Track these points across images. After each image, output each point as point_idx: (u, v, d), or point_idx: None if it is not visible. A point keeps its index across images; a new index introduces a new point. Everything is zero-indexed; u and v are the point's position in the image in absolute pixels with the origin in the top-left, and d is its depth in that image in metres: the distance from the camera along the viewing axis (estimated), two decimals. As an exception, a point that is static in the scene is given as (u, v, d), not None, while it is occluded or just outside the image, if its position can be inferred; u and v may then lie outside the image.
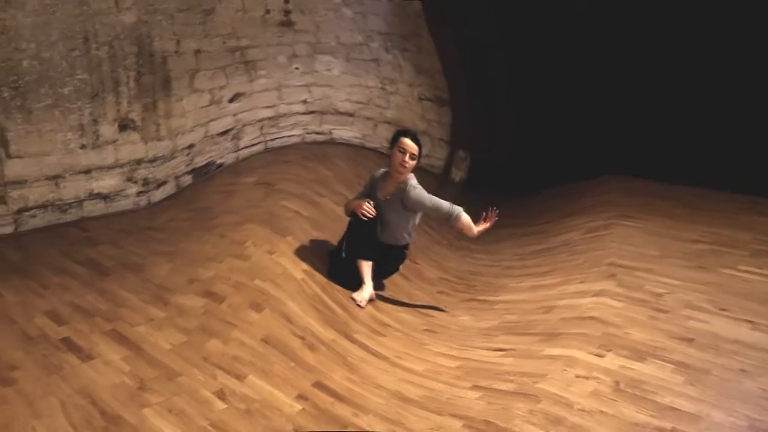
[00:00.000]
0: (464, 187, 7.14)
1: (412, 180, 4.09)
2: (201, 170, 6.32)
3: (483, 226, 4.02)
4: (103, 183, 5.26)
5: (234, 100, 6.65)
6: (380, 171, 4.37)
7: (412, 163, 4.04)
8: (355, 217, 4.10)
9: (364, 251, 4.09)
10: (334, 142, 7.66)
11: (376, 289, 4.20)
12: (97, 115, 5.11)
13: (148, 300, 3.62)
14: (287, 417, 2.67)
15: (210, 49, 6.16)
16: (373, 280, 4.12)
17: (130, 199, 5.45)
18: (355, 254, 4.09)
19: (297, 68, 7.28)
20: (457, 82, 6.91)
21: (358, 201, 4.14)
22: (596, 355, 2.95)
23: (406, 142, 4.01)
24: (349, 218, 4.22)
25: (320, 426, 2.60)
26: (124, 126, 5.33)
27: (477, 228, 4.00)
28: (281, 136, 7.36)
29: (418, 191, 4.03)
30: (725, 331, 3.11)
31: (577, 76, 6.80)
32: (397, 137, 4.09)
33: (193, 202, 5.62)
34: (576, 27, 6.57)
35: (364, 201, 4.09)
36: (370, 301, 4.03)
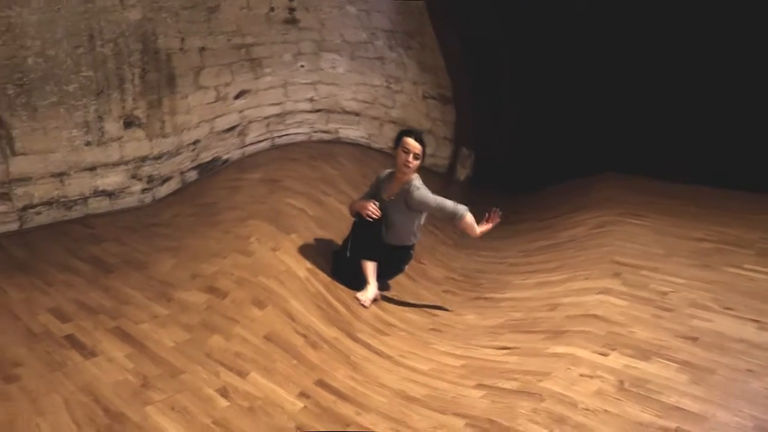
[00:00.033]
0: (469, 185, 7.13)
1: (416, 180, 4.08)
2: (206, 166, 6.33)
3: (486, 226, 4.00)
4: (108, 180, 5.27)
5: (240, 96, 6.66)
6: (385, 172, 4.36)
7: (416, 163, 4.03)
8: (360, 218, 4.10)
9: (369, 252, 4.08)
10: (340, 142, 7.66)
11: (381, 289, 4.19)
12: (102, 112, 5.12)
13: (151, 297, 3.63)
14: (289, 415, 2.66)
15: (214, 47, 6.17)
16: (378, 280, 4.12)
17: (134, 196, 5.46)
18: (359, 254, 4.09)
19: (302, 66, 7.29)
20: (461, 80, 6.89)
21: (363, 202, 4.13)
22: (600, 354, 2.94)
23: (410, 142, 4.00)
24: (354, 218, 4.22)
25: (322, 424, 2.60)
26: (129, 123, 5.34)
27: (480, 228, 3.98)
28: (288, 134, 7.37)
29: (422, 191, 4.02)
30: (731, 330, 3.09)
31: (581, 73, 6.77)
32: (400, 137, 4.08)
33: (198, 197, 5.63)
34: (579, 23, 6.54)
35: (369, 202, 4.08)
36: (375, 301, 4.03)
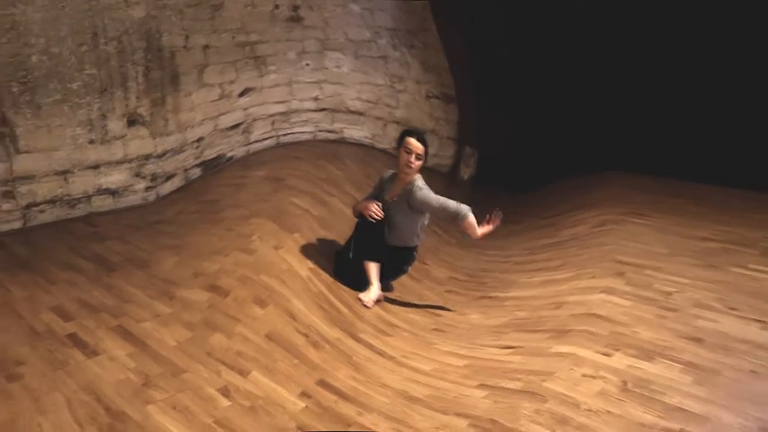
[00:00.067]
0: (473, 185, 7.11)
1: (419, 181, 4.06)
2: (210, 163, 6.34)
3: (486, 228, 3.98)
4: (112, 178, 5.28)
5: (244, 94, 6.66)
6: (389, 172, 4.34)
7: (418, 164, 4.01)
8: (363, 219, 4.08)
9: (372, 252, 4.07)
10: (345, 142, 7.65)
11: (384, 290, 4.18)
12: (105, 110, 5.12)
13: (154, 296, 3.63)
14: (291, 414, 2.66)
15: (218, 45, 6.17)
16: (381, 281, 4.10)
17: (138, 194, 5.46)
18: (362, 255, 4.08)
19: (307, 64, 7.28)
20: (464, 79, 6.87)
21: (366, 202, 4.12)
22: (604, 354, 2.92)
23: (412, 142, 3.98)
24: (356, 219, 4.21)
25: (324, 424, 2.59)
26: (133, 121, 5.34)
27: (481, 230, 3.95)
28: (293, 132, 7.37)
29: (424, 192, 4.00)
30: (735, 330, 3.07)
31: (583, 73, 6.74)
32: (403, 137, 4.06)
33: (202, 194, 5.63)
34: (581, 23, 6.51)
35: (372, 202, 4.07)
36: (377, 301, 4.02)
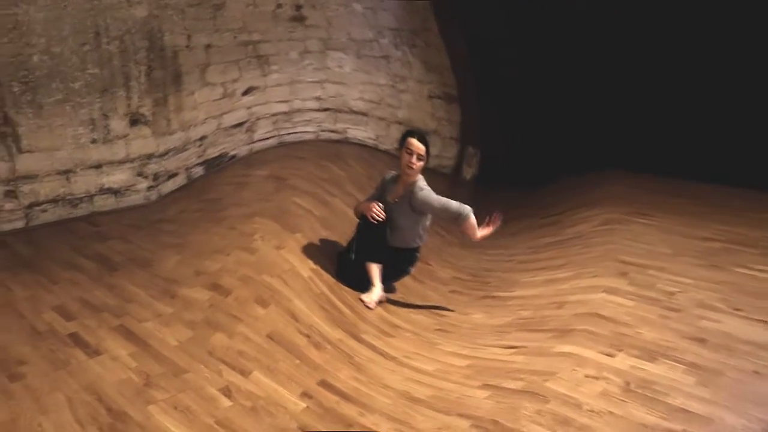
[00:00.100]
0: (476, 185, 7.10)
1: (421, 182, 4.05)
2: (213, 162, 6.34)
3: (486, 230, 3.97)
4: (114, 178, 5.28)
5: (247, 93, 6.66)
6: (391, 173, 4.33)
7: (419, 164, 3.99)
8: (365, 220, 4.07)
9: (374, 254, 4.06)
10: (348, 142, 7.64)
11: (387, 291, 4.17)
12: (107, 109, 5.12)
13: (156, 295, 3.63)
14: (292, 415, 2.65)
15: (221, 44, 6.17)
16: (383, 282, 4.09)
17: (140, 193, 5.46)
18: (364, 256, 4.07)
19: (310, 64, 7.28)
20: (466, 79, 6.86)
21: (368, 203, 4.11)
22: (606, 354, 2.92)
23: (413, 143, 3.97)
24: (358, 220, 4.20)
25: (325, 425, 2.58)
26: (135, 121, 5.34)
27: (480, 232, 3.94)
28: (296, 132, 7.37)
29: (426, 192, 3.99)
30: (738, 331, 3.06)
31: (586, 72, 6.71)
32: (404, 138, 4.05)
33: (204, 193, 5.63)
34: (585, 22, 6.48)
35: (374, 203, 4.06)
36: (379, 303, 4.00)
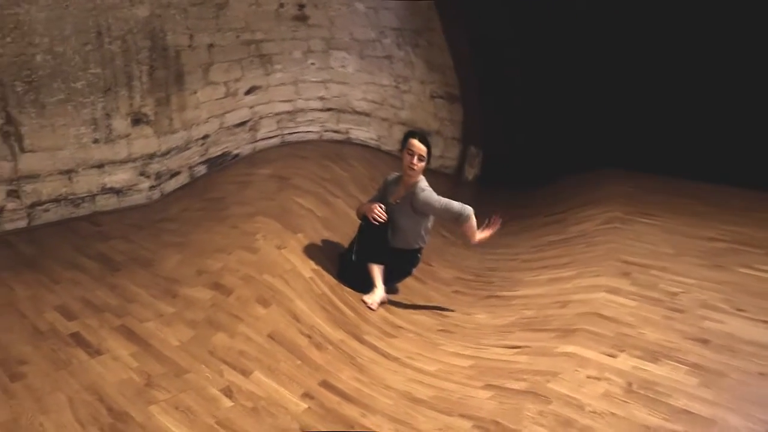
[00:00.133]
0: (478, 185, 7.09)
1: (422, 182, 4.04)
2: (216, 160, 6.35)
3: (484, 233, 3.95)
4: (116, 177, 5.28)
5: (250, 92, 6.66)
6: (393, 175, 4.32)
7: (421, 165, 3.98)
8: (367, 221, 4.06)
9: (375, 255, 4.05)
10: (351, 142, 7.63)
11: (389, 292, 4.16)
12: (110, 109, 5.12)
13: (157, 295, 3.63)
14: (293, 415, 2.64)
15: (223, 43, 6.16)
16: (385, 283, 4.08)
17: (142, 193, 5.46)
18: (365, 258, 4.06)
19: (313, 64, 7.27)
20: (469, 78, 6.84)
21: (370, 204, 4.10)
22: (609, 355, 2.90)
23: (415, 144, 3.96)
24: (360, 221, 4.19)
25: (326, 425, 2.58)
26: (137, 120, 5.34)
27: (479, 235, 3.92)
28: (299, 131, 7.37)
29: (427, 193, 3.98)
30: (742, 332, 3.04)
31: (589, 71, 6.70)
32: (405, 139, 4.04)
33: (207, 192, 5.63)
34: (588, 22, 6.46)
35: (375, 205, 4.05)
36: (382, 304, 3.99)
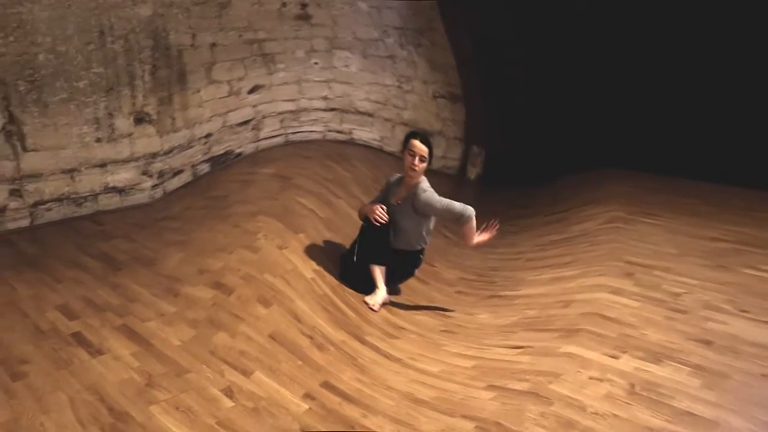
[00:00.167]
0: (480, 184, 7.08)
1: (424, 183, 4.03)
2: (218, 159, 6.35)
3: (482, 237, 3.93)
4: (119, 176, 5.28)
5: (253, 91, 6.66)
6: (395, 176, 4.32)
7: (422, 166, 3.97)
8: (368, 222, 4.06)
9: (377, 256, 4.04)
10: (353, 143, 7.62)
11: (392, 293, 4.15)
12: (112, 108, 5.12)
13: (159, 294, 3.62)
14: (294, 416, 2.64)
15: (226, 43, 6.16)
16: (388, 284, 4.07)
17: (145, 192, 5.46)
18: (367, 259, 4.05)
19: (316, 63, 7.27)
20: (471, 78, 6.83)
21: (371, 206, 4.10)
22: (611, 356, 2.89)
23: (416, 144, 3.95)
24: (362, 222, 4.18)
25: (327, 426, 2.57)
26: (140, 119, 5.34)
27: (477, 238, 3.91)
28: (302, 131, 7.37)
29: (428, 194, 3.97)
30: (745, 333, 3.03)
31: (592, 71, 6.68)
32: (407, 139, 4.03)
33: (210, 190, 5.62)
34: (590, 22, 6.45)
35: (377, 206, 4.04)
36: (384, 305, 3.99)
